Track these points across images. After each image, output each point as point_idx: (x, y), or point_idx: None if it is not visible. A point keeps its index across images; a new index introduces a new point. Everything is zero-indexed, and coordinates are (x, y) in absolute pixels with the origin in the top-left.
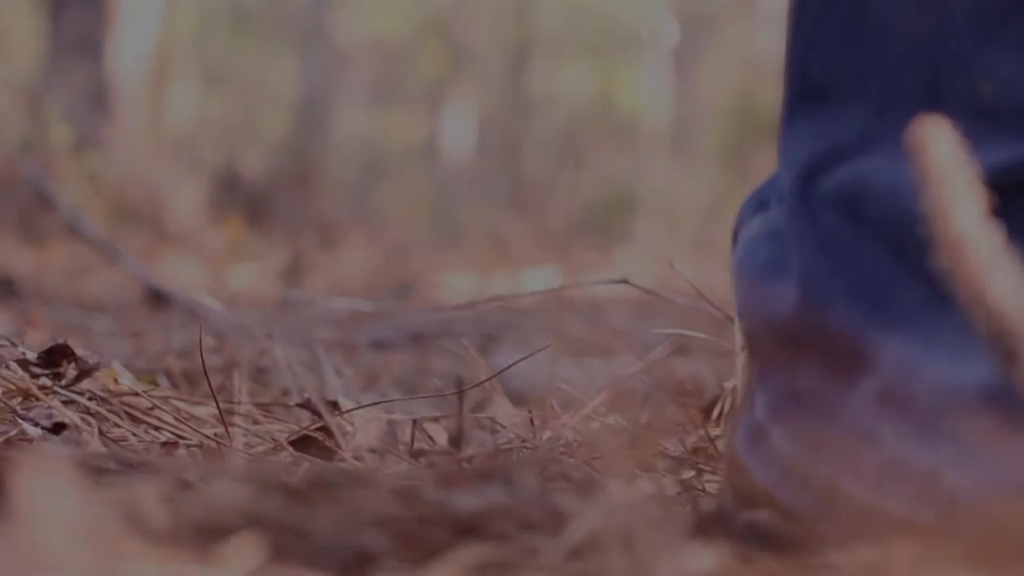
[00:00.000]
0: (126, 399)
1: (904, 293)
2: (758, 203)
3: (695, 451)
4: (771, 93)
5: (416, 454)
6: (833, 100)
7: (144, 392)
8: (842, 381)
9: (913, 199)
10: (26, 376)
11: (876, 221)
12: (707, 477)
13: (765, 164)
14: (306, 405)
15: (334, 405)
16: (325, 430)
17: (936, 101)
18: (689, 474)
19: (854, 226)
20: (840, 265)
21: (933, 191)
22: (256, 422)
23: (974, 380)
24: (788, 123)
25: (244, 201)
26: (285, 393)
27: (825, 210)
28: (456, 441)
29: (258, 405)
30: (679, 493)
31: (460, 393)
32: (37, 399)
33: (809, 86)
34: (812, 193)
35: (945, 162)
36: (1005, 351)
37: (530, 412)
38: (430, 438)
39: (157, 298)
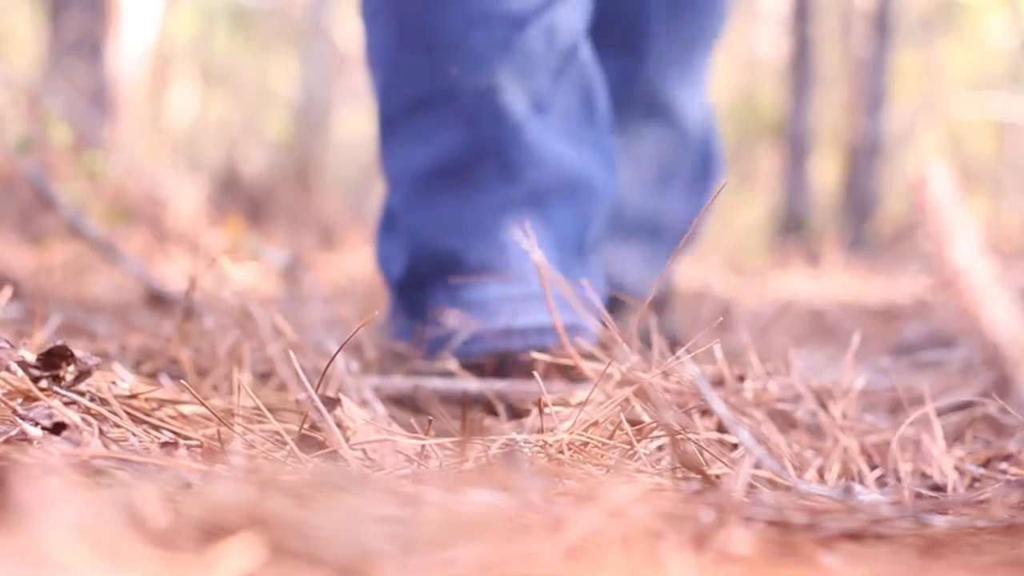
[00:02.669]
0: (126, 399)
1: None
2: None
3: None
4: (771, 93)
5: (416, 454)
6: None
7: (143, 394)
8: None
9: None
10: (26, 377)
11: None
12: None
13: (765, 164)
14: (306, 404)
15: (335, 404)
16: (325, 429)
17: None
18: (685, 474)
19: None
20: None
21: (931, 227)
22: (257, 421)
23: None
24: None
25: (244, 201)
26: (285, 393)
27: None
28: (455, 440)
29: (258, 404)
30: (676, 493)
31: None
32: (37, 399)
33: None
34: None
35: (942, 199)
36: (1000, 375)
37: (529, 411)
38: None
39: (157, 298)
